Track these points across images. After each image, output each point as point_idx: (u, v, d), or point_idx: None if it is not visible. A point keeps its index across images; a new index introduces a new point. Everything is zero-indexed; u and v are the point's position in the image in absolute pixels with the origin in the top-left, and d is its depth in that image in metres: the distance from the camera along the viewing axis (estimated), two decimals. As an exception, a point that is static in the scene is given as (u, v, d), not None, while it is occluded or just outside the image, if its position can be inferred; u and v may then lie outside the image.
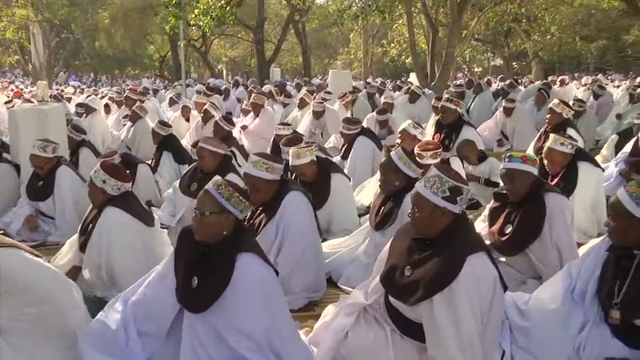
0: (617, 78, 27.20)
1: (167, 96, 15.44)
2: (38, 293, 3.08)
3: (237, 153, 7.43)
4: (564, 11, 26.89)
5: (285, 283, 4.07)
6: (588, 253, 3.36)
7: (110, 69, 41.27)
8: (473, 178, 6.40)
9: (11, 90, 22.44)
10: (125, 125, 10.15)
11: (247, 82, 22.94)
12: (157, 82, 35.04)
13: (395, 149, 4.84)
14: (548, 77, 22.99)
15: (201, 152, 5.50)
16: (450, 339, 2.90)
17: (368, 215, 5.01)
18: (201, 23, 15.51)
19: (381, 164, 4.79)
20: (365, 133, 7.70)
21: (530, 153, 5.87)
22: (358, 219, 5.85)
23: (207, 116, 9.43)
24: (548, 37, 27.86)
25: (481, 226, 4.51)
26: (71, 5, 31.36)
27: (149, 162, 7.46)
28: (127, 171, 4.90)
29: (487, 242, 4.03)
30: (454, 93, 9.97)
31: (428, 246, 3.12)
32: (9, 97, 16.01)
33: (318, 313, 3.86)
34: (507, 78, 19.72)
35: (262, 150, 8.87)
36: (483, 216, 4.63)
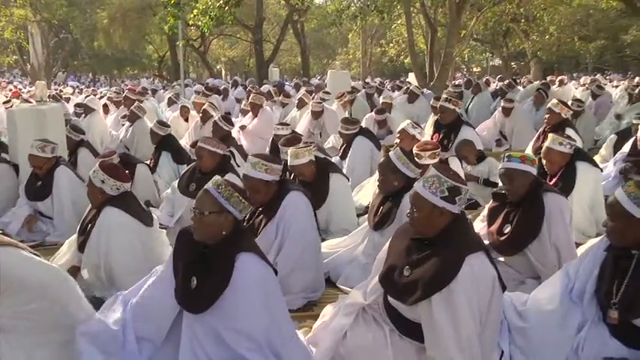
0: (615, 78, 27.26)
1: (166, 96, 15.42)
2: (38, 289, 3.08)
3: (236, 153, 7.43)
4: (563, 11, 26.91)
5: (284, 283, 4.07)
6: (587, 253, 3.36)
7: (109, 69, 41.23)
8: (471, 178, 6.41)
9: (10, 90, 22.41)
10: (124, 125, 10.14)
11: (246, 82, 22.93)
12: (156, 82, 35.00)
13: (394, 149, 4.84)
14: (546, 77, 23.00)
15: (200, 152, 5.49)
16: (449, 339, 2.90)
17: (367, 215, 5.01)
18: (199, 23, 15.50)
19: (380, 164, 4.79)
20: (363, 133, 7.70)
21: (529, 153, 5.88)
22: (357, 219, 5.85)
23: (205, 116, 9.42)
24: (546, 37, 27.88)
25: (480, 226, 4.51)
26: (70, 5, 31.33)
27: (148, 162, 7.46)
28: (126, 171, 4.90)
29: (486, 242, 4.03)
30: (452, 93, 9.96)
31: (427, 246, 3.12)
32: (7, 97, 15.98)
33: (316, 313, 3.85)
34: (506, 78, 19.75)
35: (261, 150, 8.88)
36: (482, 216, 4.63)
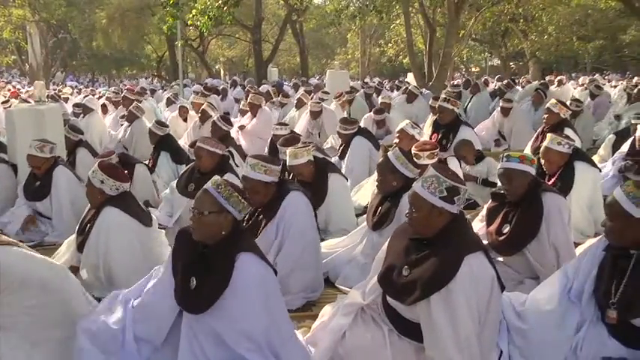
0: (614, 78, 27.28)
1: (164, 96, 15.41)
2: (40, 287, 3.10)
3: (234, 153, 7.42)
4: (561, 11, 26.95)
5: (284, 283, 4.08)
6: (585, 253, 3.36)
7: (107, 69, 41.22)
8: (470, 178, 6.41)
9: (8, 90, 22.38)
10: (122, 125, 10.14)
11: (245, 83, 22.93)
12: (155, 82, 35.00)
13: (392, 149, 4.84)
14: (545, 77, 23.04)
15: (199, 152, 5.49)
16: (448, 339, 2.90)
17: (365, 215, 5.01)
18: (198, 23, 15.49)
19: (379, 164, 4.79)
20: (362, 133, 7.70)
21: (527, 153, 5.88)
22: (356, 219, 5.85)
23: (204, 116, 9.41)
24: (545, 37, 27.91)
25: (479, 226, 4.50)
26: (68, 5, 31.35)
27: (147, 162, 7.45)
28: (125, 171, 4.90)
29: (485, 242, 4.03)
30: (451, 93, 9.97)
31: (425, 246, 3.12)
32: (6, 97, 15.96)
33: (315, 313, 3.86)
34: (505, 78, 19.76)
35: (260, 150, 8.89)
36: (481, 216, 4.62)
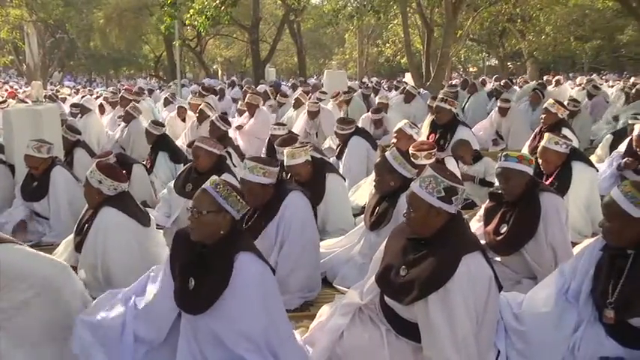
0: (611, 78, 27.33)
1: (162, 96, 15.41)
2: (42, 285, 3.11)
3: (232, 153, 7.42)
4: (559, 11, 26.96)
5: (284, 283, 4.09)
6: (582, 253, 3.36)
7: (105, 69, 41.21)
8: (468, 178, 6.41)
9: (5, 90, 22.40)
10: (120, 125, 10.13)
11: (242, 83, 22.92)
12: (152, 82, 34.98)
13: (390, 149, 4.85)
14: (543, 77, 23.04)
15: (197, 152, 5.49)
16: (445, 339, 2.91)
17: (363, 215, 5.01)
18: (196, 23, 15.47)
19: (376, 164, 4.79)
20: (359, 133, 7.70)
21: (525, 153, 5.89)
22: (353, 219, 5.85)
23: (202, 116, 9.41)
24: (542, 37, 27.92)
25: (476, 226, 4.51)
26: (66, 5, 31.32)
27: (144, 162, 7.45)
28: (123, 171, 4.89)
29: (482, 242, 4.04)
30: (448, 93, 9.98)
31: (423, 246, 3.13)
32: (3, 98, 15.95)
33: (313, 313, 3.85)
34: (502, 78, 19.78)
35: (257, 150, 8.90)
36: (479, 216, 4.63)
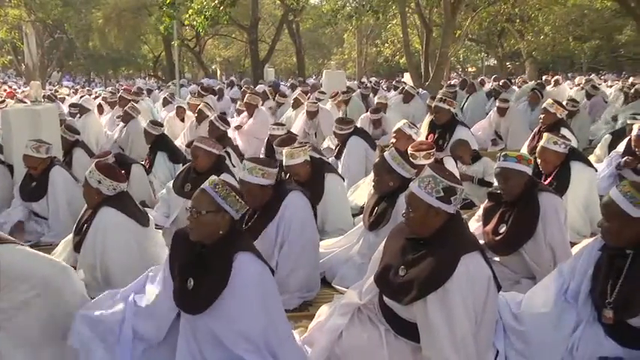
0: (610, 78, 27.33)
1: (161, 96, 15.41)
2: (40, 284, 3.11)
3: (232, 153, 7.43)
4: (557, 11, 26.98)
5: (283, 283, 4.11)
6: (581, 253, 3.36)
7: (104, 69, 41.16)
8: (466, 178, 6.42)
9: (4, 90, 22.38)
10: (118, 125, 10.13)
11: (241, 83, 22.93)
12: (151, 82, 34.96)
13: (389, 149, 4.85)
14: (541, 77, 23.06)
15: (195, 151, 5.49)
16: (444, 339, 2.91)
17: (362, 215, 5.01)
18: (195, 23, 15.47)
19: (375, 164, 4.79)
20: (358, 133, 7.70)
21: (524, 153, 5.89)
22: (352, 219, 5.85)
23: (201, 116, 9.41)
24: (541, 37, 27.95)
25: (475, 226, 4.51)
26: (64, 5, 31.26)
27: (143, 162, 7.44)
28: (122, 171, 4.89)
29: (481, 242, 4.04)
30: (447, 93, 9.99)
31: (422, 246, 3.13)
32: (2, 98, 15.94)
33: (312, 313, 3.85)
34: (501, 78, 19.78)
35: (256, 150, 8.90)
36: (477, 216, 4.63)
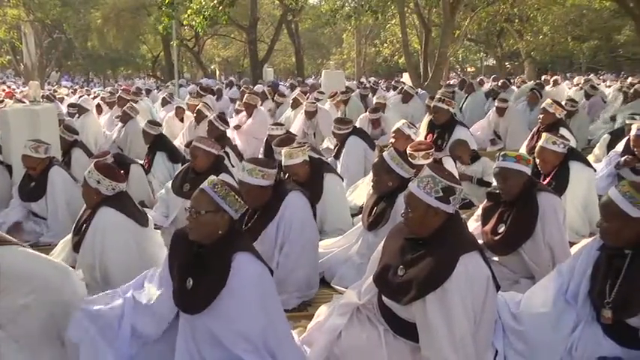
0: (608, 78, 27.35)
1: (160, 96, 15.41)
2: (41, 285, 3.11)
3: (230, 153, 7.43)
4: (556, 11, 27.01)
5: (283, 283, 4.12)
6: (580, 253, 3.36)
7: (103, 69, 41.15)
8: (465, 178, 6.42)
9: (3, 90, 22.37)
10: (117, 126, 10.13)
11: (240, 83, 22.92)
12: (150, 82, 34.95)
13: (388, 149, 4.85)
14: (540, 77, 23.06)
15: (194, 151, 5.49)
16: (443, 339, 2.91)
17: (361, 215, 5.01)
18: (193, 23, 15.46)
19: (374, 165, 4.79)
20: (357, 133, 7.71)
21: (523, 153, 5.89)
22: (351, 219, 5.86)
23: (200, 116, 9.41)
24: (540, 37, 27.98)
25: (474, 226, 4.51)
26: (63, 5, 31.24)
27: (142, 162, 7.44)
28: (121, 171, 4.89)
29: (480, 242, 4.04)
30: (446, 93, 10.00)
31: (421, 246, 3.13)
32: (0, 98, 15.94)
33: (311, 313, 3.85)
34: (500, 78, 19.78)
35: (255, 150, 8.90)
36: (476, 215, 4.63)
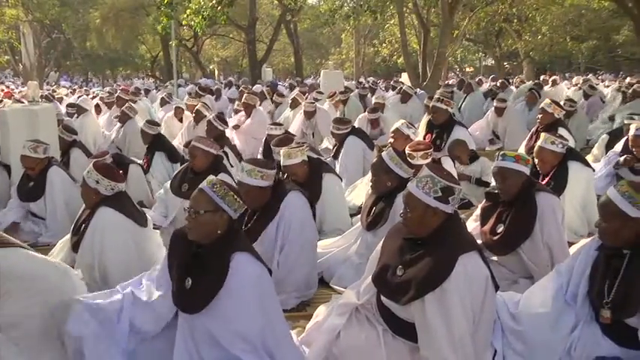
0: (607, 78, 27.37)
1: (158, 96, 15.41)
2: (42, 287, 3.11)
3: (229, 153, 7.43)
4: (555, 11, 27.03)
5: (282, 283, 4.12)
6: (578, 253, 3.37)
7: (101, 69, 41.13)
8: (464, 178, 6.42)
9: (1, 90, 22.34)
10: (116, 126, 10.12)
11: (239, 82, 22.90)
12: (149, 82, 34.92)
13: (387, 149, 4.85)
14: (539, 77, 23.09)
15: (193, 151, 5.50)
16: (442, 339, 2.91)
17: (360, 215, 5.01)
18: (192, 23, 15.48)
19: (373, 165, 4.79)
20: (355, 133, 7.71)
21: (523, 153, 5.90)
22: (350, 219, 5.86)
23: (199, 116, 9.41)
24: (539, 37, 27.99)
25: (473, 226, 4.51)
26: (62, 5, 31.25)
27: (140, 162, 7.44)
28: (120, 171, 4.89)
29: (479, 242, 4.04)
30: (444, 93, 10.01)
31: (420, 246, 3.13)
32: (-1, 98, 15.94)
33: (310, 314, 3.86)
34: (499, 78, 19.80)
35: (254, 150, 8.90)
36: (475, 215, 4.63)
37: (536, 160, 5.23)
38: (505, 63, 32.96)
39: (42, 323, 3.12)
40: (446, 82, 19.43)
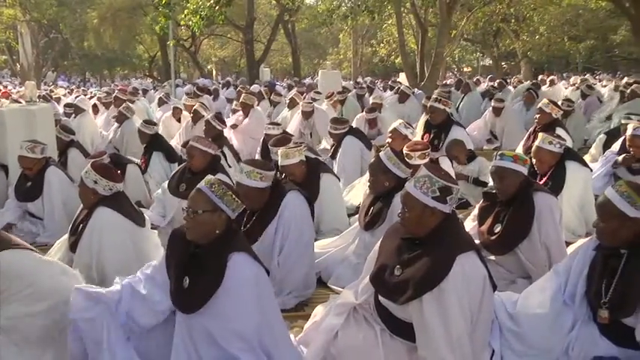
0: (605, 78, 27.39)
1: (156, 96, 15.39)
2: (48, 289, 3.10)
3: (227, 153, 7.42)
4: (553, 11, 27.07)
5: (281, 282, 4.14)
6: (576, 253, 3.37)
7: (99, 69, 41.08)
8: (462, 178, 6.43)
9: (-1, 90, 22.29)
10: (113, 126, 10.11)
11: (237, 82, 22.91)
12: (147, 82, 34.88)
13: (384, 149, 4.85)
14: (537, 77, 23.10)
15: (191, 151, 5.49)
16: (440, 338, 2.91)
17: (357, 215, 5.01)
18: (190, 23, 15.43)
19: (370, 165, 4.79)
20: (353, 133, 7.71)
21: (520, 153, 5.90)
22: (348, 219, 5.86)
23: (196, 116, 9.39)
24: (536, 37, 28.02)
25: (470, 226, 4.51)
26: (59, 5, 31.23)
27: (138, 162, 7.43)
28: (118, 171, 4.89)
29: (477, 241, 4.04)
30: (442, 93, 10.02)
31: (417, 245, 3.13)
32: (-3, 98, 15.91)
33: (307, 313, 3.86)
34: (496, 78, 19.83)
35: (252, 150, 8.90)
36: (473, 215, 4.63)
37: (533, 160, 5.23)
38: (503, 63, 33.04)
39: (42, 323, 3.12)
40: (443, 82, 19.46)
